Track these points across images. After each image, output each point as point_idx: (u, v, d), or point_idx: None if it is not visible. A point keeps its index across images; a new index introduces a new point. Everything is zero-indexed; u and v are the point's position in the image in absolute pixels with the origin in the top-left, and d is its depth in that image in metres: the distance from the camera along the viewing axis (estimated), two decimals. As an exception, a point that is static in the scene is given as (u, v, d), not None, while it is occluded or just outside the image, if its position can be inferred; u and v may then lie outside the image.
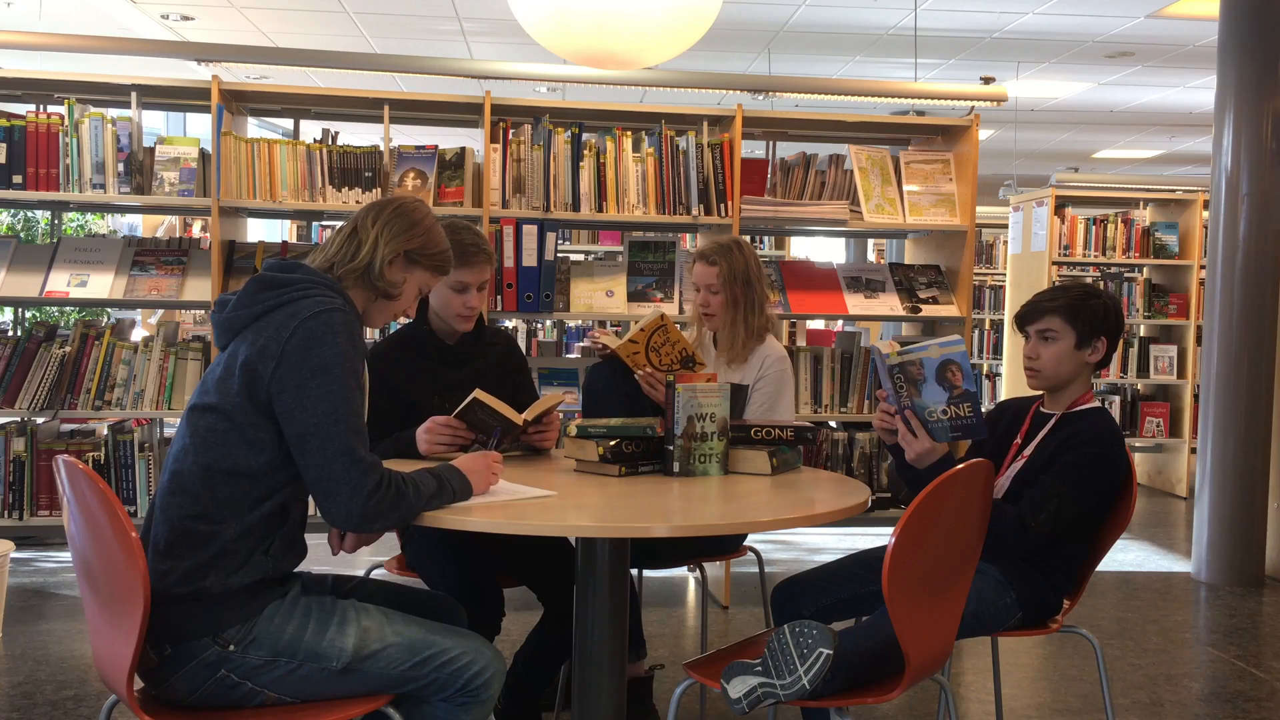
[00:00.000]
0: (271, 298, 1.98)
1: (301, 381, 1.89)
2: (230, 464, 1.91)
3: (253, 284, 2.01)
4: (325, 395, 1.89)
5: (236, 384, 1.92)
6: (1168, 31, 7.75)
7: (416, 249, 2.15)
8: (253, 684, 1.88)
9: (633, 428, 2.49)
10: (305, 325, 1.92)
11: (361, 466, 1.90)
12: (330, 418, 1.89)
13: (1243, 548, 4.89)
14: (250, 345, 1.94)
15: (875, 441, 4.42)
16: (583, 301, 4.27)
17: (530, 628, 2.91)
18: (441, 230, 2.22)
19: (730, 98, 5.73)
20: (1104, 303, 2.57)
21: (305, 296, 1.98)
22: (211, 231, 4.07)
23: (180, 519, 1.90)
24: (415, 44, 8.58)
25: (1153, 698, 3.47)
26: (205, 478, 1.91)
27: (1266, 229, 4.85)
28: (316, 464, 1.90)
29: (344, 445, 1.89)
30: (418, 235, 2.16)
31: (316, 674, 1.91)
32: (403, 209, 2.17)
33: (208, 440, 1.92)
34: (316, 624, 1.93)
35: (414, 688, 1.97)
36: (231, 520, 1.91)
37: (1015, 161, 13.29)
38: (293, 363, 1.90)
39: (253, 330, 1.96)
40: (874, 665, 2.04)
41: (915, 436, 2.35)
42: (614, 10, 3.38)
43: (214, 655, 1.86)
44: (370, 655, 1.93)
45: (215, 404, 1.94)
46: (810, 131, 4.96)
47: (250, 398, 1.92)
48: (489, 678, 2.01)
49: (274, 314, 1.96)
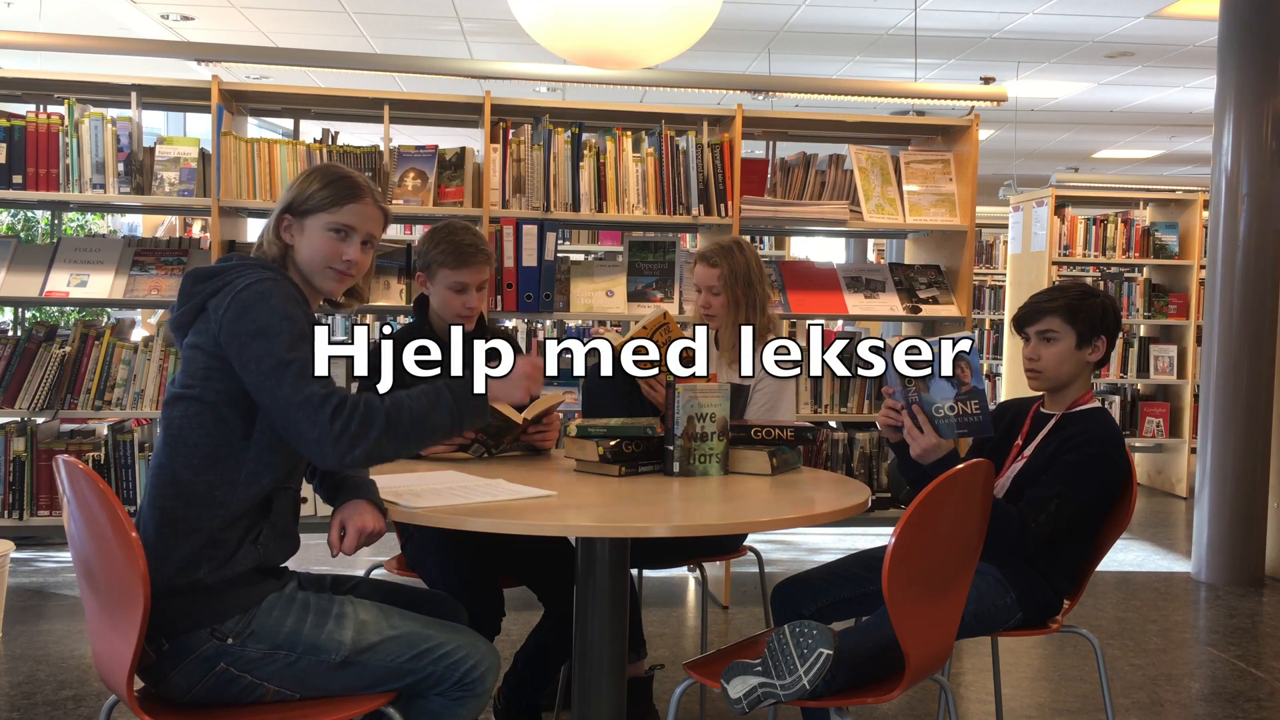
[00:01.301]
0: (208, 288, 1.98)
1: (242, 346, 1.89)
2: (208, 446, 1.92)
3: (188, 279, 2.01)
4: (267, 354, 1.88)
5: (200, 368, 1.94)
6: (1168, 31, 7.75)
7: (293, 200, 2.09)
8: (252, 676, 1.89)
9: (633, 428, 2.49)
10: (238, 298, 1.92)
11: (314, 399, 1.88)
12: (276, 369, 1.88)
13: (1243, 548, 4.89)
14: (202, 334, 1.96)
15: (875, 441, 4.42)
16: (583, 301, 4.28)
17: (530, 628, 2.90)
18: (323, 169, 2.14)
19: (730, 98, 5.73)
20: (1102, 302, 2.57)
21: (237, 276, 1.97)
22: (211, 231, 4.07)
23: (165, 507, 1.91)
24: (415, 44, 8.58)
25: (1153, 698, 3.47)
26: (187, 464, 1.92)
27: (1266, 229, 4.85)
28: (276, 410, 1.90)
29: (293, 387, 1.88)
30: (291, 190, 2.11)
31: (315, 666, 1.91)
32: (304, 172, 2.14)
33: (182, 427, 1.93)
34: (315, 617, 1.94)
35: (411, 681, 1.97)
36: (218, 507, 1.91)
37: (1015, 161, 13.29)
38: (231, 331, 1.90)
39: (201, 320, 1.97)
40: (874, 665, 2.04)
41: (921, 432, 2.34)
42: (614, 10, 3.38)
43: (212, 649, 1.86)
44: (368, 648, 1.94)
45: (181, 392, 1.95)
46: (810, 131, 4.96)
47: (217, 376, 1.93)
48: (484, 672, 2.01)
49: (213, 300, 1.96)
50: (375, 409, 1.91)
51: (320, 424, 1.87)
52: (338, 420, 1.87)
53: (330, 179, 2.09)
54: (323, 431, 1.87)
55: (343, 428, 1.87)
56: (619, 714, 2.31)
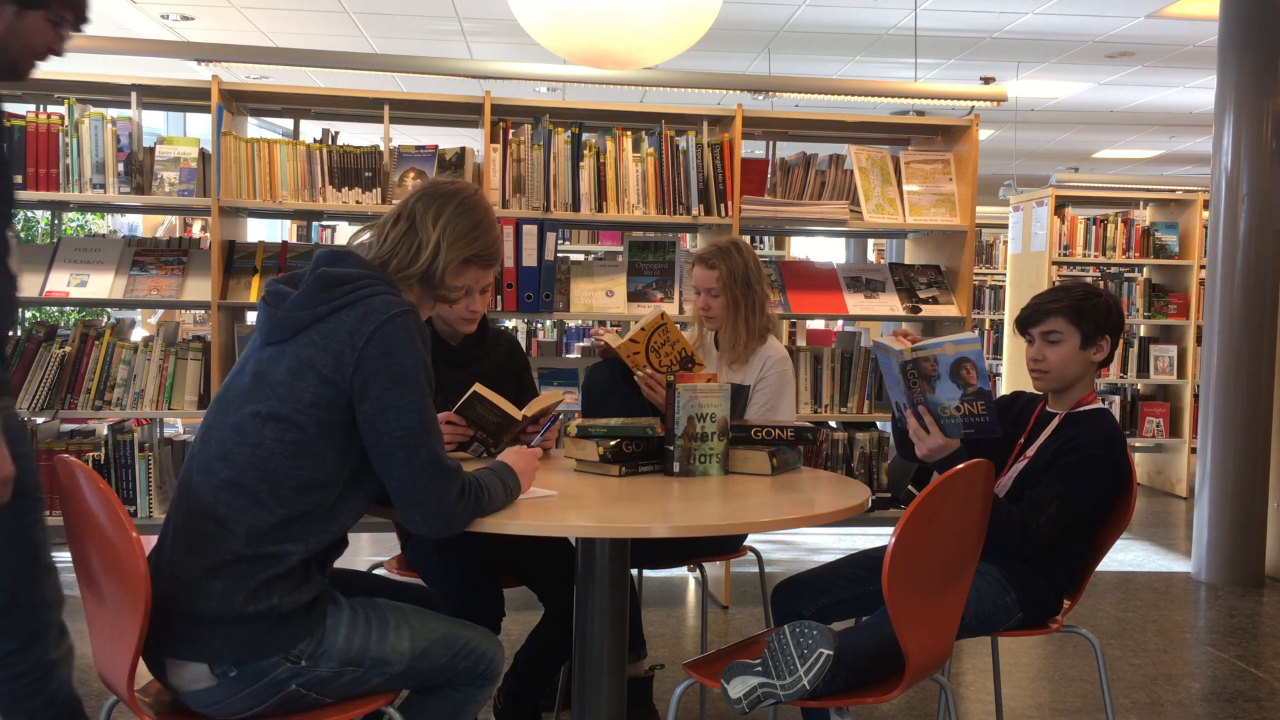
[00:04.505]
0: (336, 297, 1.87)
1: (383, 391, 1.82)
2: (299, 478, 1.82)
3: (316, 281, 1.89)
4: (408, 406, 1.82)
5: (310, 393, 1.83)
6: (1168, 31, 7.75)
7: (478, 252, 2.06)
8: (318, 694, 1.85)
9: (633, 428, 2.49)
10: (382, 331, 1.82)
11: (447, 475, 1.86)
12: (414, 430, 1.83)
13: (1243, 548, 4.89)
14: (320, 349, 1.84)
15: (875, 441, 4.42)
16: (583, 301, 4.27)
17: (530, 628, 2.90)
18: (495, 219, 2.11)
19: (730, 98, 5.73)
20: (1105, 301, 2.57)
21: (372, 295, 1.87)
22: (211, 231, 4.07)
23: (254, 535, 1.79)
24: (415, 44, 8.58)
25: (1153, 698, 3.47)
26: (273, 493, 1.81)
27: (1266, 229, 4.85)
28: (401, 475, 1.85)
29: (430, 456, 1.84)
30: (479, 237, 2.04)
31: (378, 677, 1.90)
32: (465, 206, 2.05)
33: (275, 452, 1.81)
34: (377, 630, 1.91)
35: (446, 678, 2.00)
36: (299, 541, 1.82)
37: (1015, 161, 13.29)
38: (373, 370, 1.82)
39: (318, 332, 1.85)
40: (874, 665, 2.04)
41: (928, 433, 2.34)
42: (614, 10, 3.38)
43: (285, 672, 1.81)
44: (421, 655, 1.95)
45: (284, 413, 1.82)
46: (810, 131, 4.96)
47: (326, 406, 1.83)
48: (500, 659, 2.09)
49: (341, 315, 1.85)
50: (482, 494, 1.92)
51: (447, 500, 1.86)
52: (463, 500, 1.88)
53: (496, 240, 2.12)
54: (445, 506, 1.86)
55: (461, 510, 1.88)
56: (619, 714, 2.31)
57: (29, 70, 2.20)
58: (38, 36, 2.14)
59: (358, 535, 4.98)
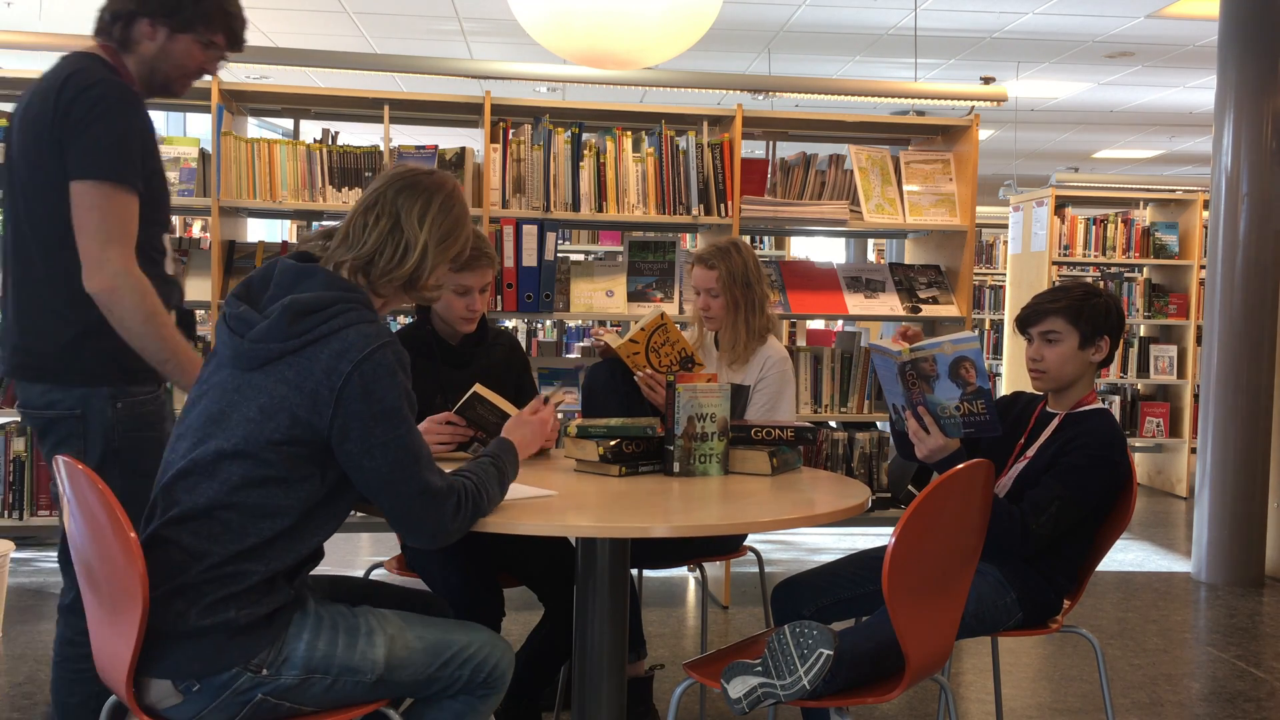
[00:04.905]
0: (308, 329, 1.79)
1: (365, 433, 1.78)
2: (270, 508, 1.79)
3: (286, 311, 1.79)
4: (392, 442, 1.79)
5: (281, 433, 1.77)
6: (1168, 31, 7.75)
7: (457, 252, 2.00)
8: (291, 703, 1.83)
9: (633, 428, 2.49)
10: (360, 370, 1.77)
11: (438, 499, 1.85)
12: (400, 464, 1.81)
13: (1243, 548, 4.89)
14: (294, 388, 1.78)
15: (875, 441, 4.42)
16: (583, 301, 4.27)
17: (530, 628, 2.91)
18: (474, 233, 2.07)
19: (730, 98, 5.74)
20: (1105, 301, 2.57)
21: (346, 325, 1.80)
22: (211, 231, 4.07)
23: (216, 562, 1.76)
24: (415, 44, 8.58)
25: (1153, 698, 3.47)
26: (240, 523, 1.78)
27: (1266, 229, 4.85)
28: (393, 506, 1.84)
29: (419, 486, 1.83)
30: (461, 236, 1.99)
31: (351, 686, 1.87)
32: (447, 202, 1.96)
33: (242, 486, 1.78)
34: (346, 637, 1.87)
35: (439, 688, 1.96)
36: (270, 558, 1.79)
37: (1015, 161, 13.29)
38: (353, 411, 1.77)
39: (289, 367, 1.79)
40: (874, 665, 2.04)
41: (928, 433, 2.34)
42: (614, 10, 3.38)
43: (248, 681, 1.78)
44: (399, 664, 1.90)
45: (251, 450, 1.78)
46: (810, 131, 4.96)
47: (298, 444, 1.78)
48: (505, 667, 2.02)
49: (314, 349, 1.78)
50: (480, 500, 1.92)
51: (442, 520, 1.86)
52: (458, 516, 1.87)
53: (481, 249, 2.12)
54: (440, 527, 1.86)
55: (459, 524, 1.88)
56: (619, 714, 2.31)
57: (183, 89, 2.33)
58: (188, 59, 2.28)
59: (357, 535, 4.99)
